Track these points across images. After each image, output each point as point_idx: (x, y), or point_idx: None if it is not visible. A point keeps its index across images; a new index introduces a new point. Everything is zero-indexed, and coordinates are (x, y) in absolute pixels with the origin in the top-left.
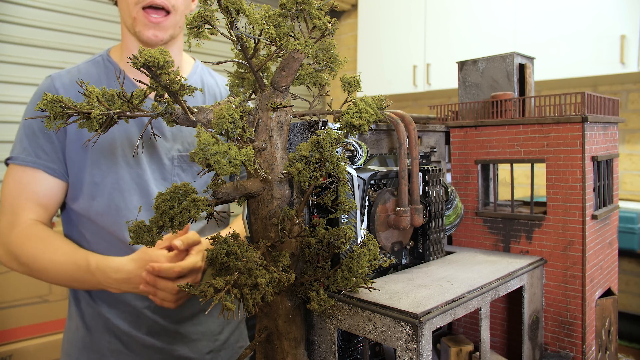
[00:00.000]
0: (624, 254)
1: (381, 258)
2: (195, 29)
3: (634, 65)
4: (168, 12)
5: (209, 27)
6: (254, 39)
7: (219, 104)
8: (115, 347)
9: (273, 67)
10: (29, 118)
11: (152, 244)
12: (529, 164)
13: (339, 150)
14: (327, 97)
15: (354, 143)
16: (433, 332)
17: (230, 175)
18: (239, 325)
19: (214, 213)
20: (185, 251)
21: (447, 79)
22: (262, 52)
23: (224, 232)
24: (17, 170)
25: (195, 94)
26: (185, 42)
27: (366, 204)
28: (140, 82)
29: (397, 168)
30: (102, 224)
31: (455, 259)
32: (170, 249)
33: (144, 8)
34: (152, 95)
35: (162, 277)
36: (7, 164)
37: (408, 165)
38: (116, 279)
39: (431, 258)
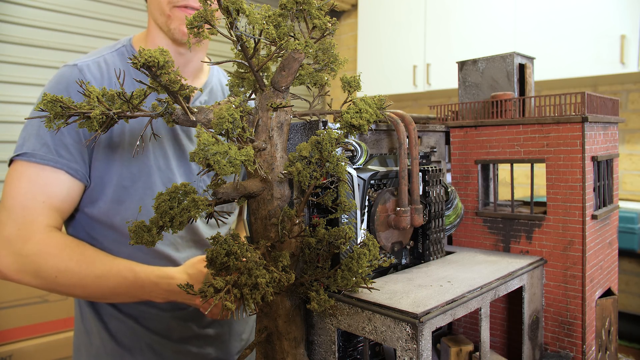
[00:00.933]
0: (624, 254)
1: (381, 258)
2: (195, 29)
3: (634, 65)
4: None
5: (209, 27)
6: (254, 39)
7: (219, 104)
8: (150, 356)
9: (273, 67)
10: (28, 118)
11: (152, 244)
12: (529, 164)
13: (339, 150)
14: (327, 97)
15: (354, 143)
16: (433, 332)
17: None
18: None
19: (214, 213)
20: None
21: (447, 79)
22: (262, 52)
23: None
24: (30, 169)
25: (217, 95)
26: (185, 42)
27: (366, 204)
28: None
29: (397, 168)
30: (126, 230)
31: (455, 259)
32: None
33: (177, 6)
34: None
35: None
36: (11, 161)
37: (408, 165)
38: (168, 290)
39: (431, 258)
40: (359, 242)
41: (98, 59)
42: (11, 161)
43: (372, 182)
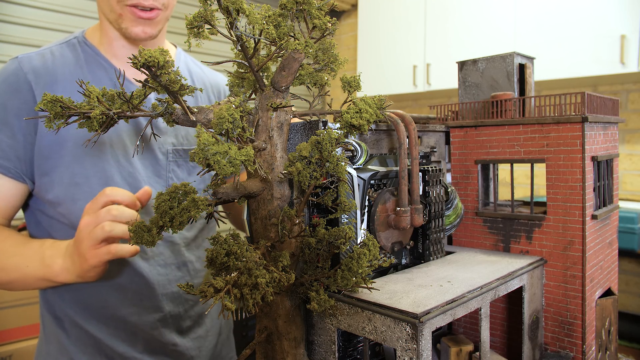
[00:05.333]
0: (624, 254)
1: (381, 258)
2: (195, 29)
3: (634, 65)
4: (159, 9)
5: (209, 27)
6: (254, 39)
7: (219, 103)
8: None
9: (273, 67)
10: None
11: (152, 244)
12: (529, 164)
13: (339, 150)
14: (327, 97)
15: (354, 143)
16: (433, 332)
17: None
18: (228, 336)
19: (214, 213)
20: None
21: (447, 79)
22: (262, 52)
23: None
24: None
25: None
26: (185, 42)
27: (366, 204)
28: (139, 82)
29: (397, 168)
30: None
31: (455, 259)
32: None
33: (128, 5)
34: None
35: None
36: None
37: (408, 165)
38: (51, 278)
39: (431, 258)
40: (359, 242)
41: (44, 51)
42: None
43: (372, 182)
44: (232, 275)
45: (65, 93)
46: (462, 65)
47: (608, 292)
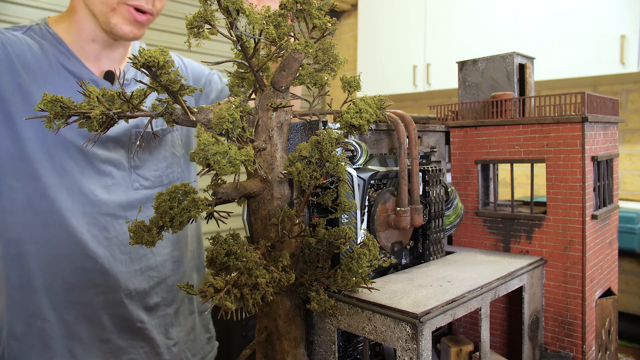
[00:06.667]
0: (624, 254)
1: (381, 258)
2: (195, 29)
3: (634, 65)
4: (151, 15)
5: (209, 27)
6: (254, 39)
7: (219, 103)
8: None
9: (273, 67)
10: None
11: (152, 244)
12: (529, 164)
13: (339, 150)
14: (327, 97)
15: (354, 143)
16: (433, 332)
17: None
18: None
19: (214, 213)
20: None
21: (447, 79)
22: (262, 52)
23: None
24: None
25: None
26: (185, 42)
27: (366, 204)
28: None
29: (397, 168)
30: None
31: (455, 259)
32: None
33: (128, 4)
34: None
35: None
36: None
37: (408, 165)
38: None
39: (431, 258)
40: (359, 242)
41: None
42: None
43: (372, 182)
44: (232, 275)
45: (37, 82)
46: (462, 65)
47: (608, 292)
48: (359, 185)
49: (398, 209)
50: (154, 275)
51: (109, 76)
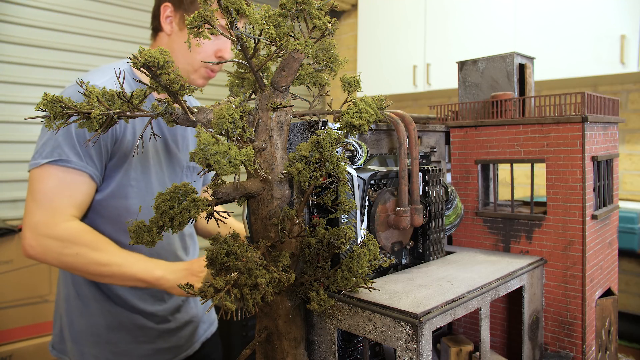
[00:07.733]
0: (624, 254)
1: (381, 258)
2: (195, 29)
3: (634, 65)
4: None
5: (209, 27)
6: (254, 39)
7: (219, 104)
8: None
9: (273, 67)
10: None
11: (152, 244)
12: (529, 164)
13: (339, 150)
14: (327, 97)
15: (354, 143)
16: (433, 332)
17: None
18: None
19: (214, 213)
20: None
21: (447, 79)
22: (262, 52)
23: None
24: (60, 171)
25: None
26: (185, 42)
27: (366, 204)
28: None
29: (397, 168)
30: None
31: (455, 259)
32: None
33: (209, 67)
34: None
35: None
36: (30, 166)
37: (408, 165)
38: (159, 285)
39: (431, 258)
40: (359, 242)
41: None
42: (35, 164)
43: (372, 182)
44: (232, 275)
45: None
46: (462, 65)
47: (608, 292)
48: (359, 185)
49: (398, 209)
50: None
51: None
